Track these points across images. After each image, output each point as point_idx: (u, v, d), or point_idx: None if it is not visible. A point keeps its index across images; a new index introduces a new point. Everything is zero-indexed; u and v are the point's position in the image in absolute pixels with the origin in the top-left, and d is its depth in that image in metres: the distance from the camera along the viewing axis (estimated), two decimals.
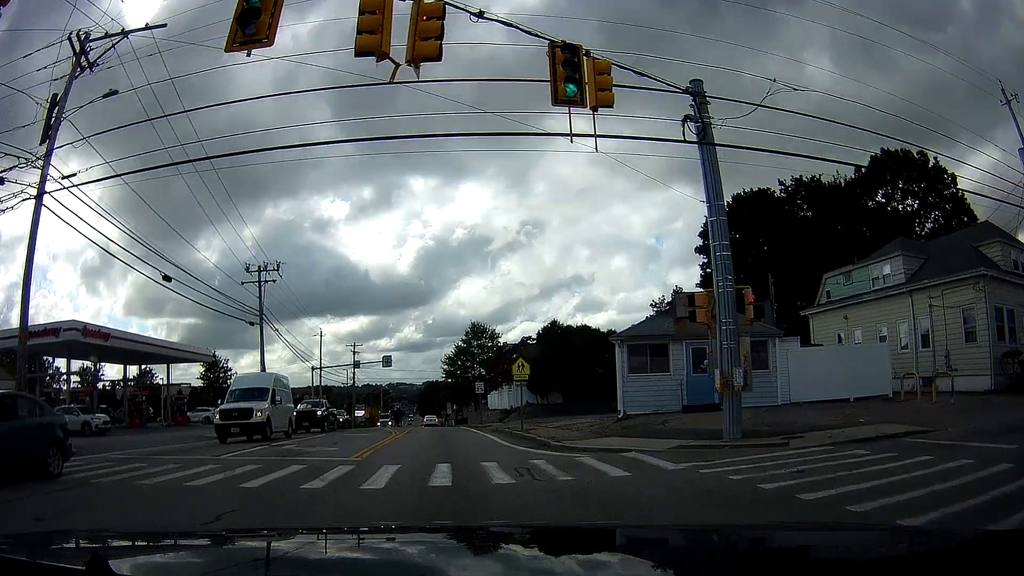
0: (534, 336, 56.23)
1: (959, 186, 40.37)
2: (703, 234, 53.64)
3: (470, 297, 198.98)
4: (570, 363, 49.00)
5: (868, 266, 35.70)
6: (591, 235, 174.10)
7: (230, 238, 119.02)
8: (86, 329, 44.19)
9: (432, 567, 2.12)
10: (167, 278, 26.62)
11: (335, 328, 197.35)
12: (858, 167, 46.35)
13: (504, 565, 2.17)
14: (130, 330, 58.30)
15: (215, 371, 75.17)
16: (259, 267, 46.02)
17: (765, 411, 21.52)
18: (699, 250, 53.97)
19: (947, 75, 56.50)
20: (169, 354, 53.08)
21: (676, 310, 30.43)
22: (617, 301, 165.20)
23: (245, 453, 17.45)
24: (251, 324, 43.45)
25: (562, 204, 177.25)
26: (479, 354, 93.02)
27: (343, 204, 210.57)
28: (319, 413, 36.26)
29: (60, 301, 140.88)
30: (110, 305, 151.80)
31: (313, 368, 68.39)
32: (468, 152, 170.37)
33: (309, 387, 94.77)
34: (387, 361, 70.57)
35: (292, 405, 31.29)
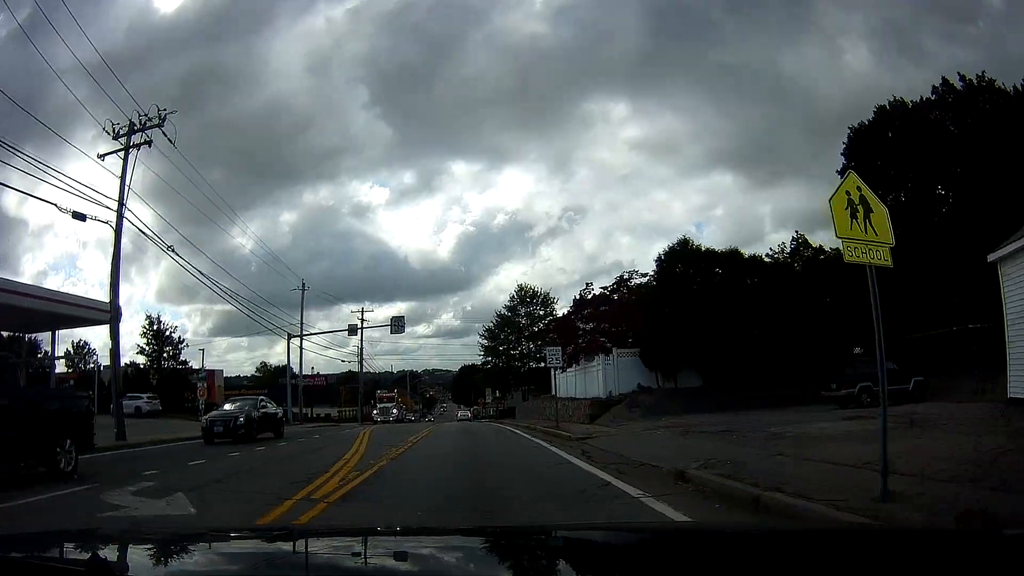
0: (651, 272, 31.04)
1: None
2: (847, 151, 34.41)
3: (510, 283, 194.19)
4: (723, 318, 25.80)
5: None
6: (632, 221, 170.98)
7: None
8: None
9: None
10: None
11: (372, 315, 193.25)
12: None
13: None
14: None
15: (160, 341, 53.48)
16: (130, 126, 23.77)
17: None
18: (844, 172, 32.30)
19: None
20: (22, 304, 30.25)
21: None
22: None
23: None
24: (80, 218, 21.17)
25: (604, 190, 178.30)
26: (528, 325, 70.00)
27: (382, 190, 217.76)
28: None
29: (91, 289, 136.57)
30: (143, 291, 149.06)
31: (290, 337, 46.07)
32: (510, 137, 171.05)
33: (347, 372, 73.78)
34: (397, 325, 48.06)
35: None
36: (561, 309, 69.53)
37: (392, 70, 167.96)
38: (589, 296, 30.45)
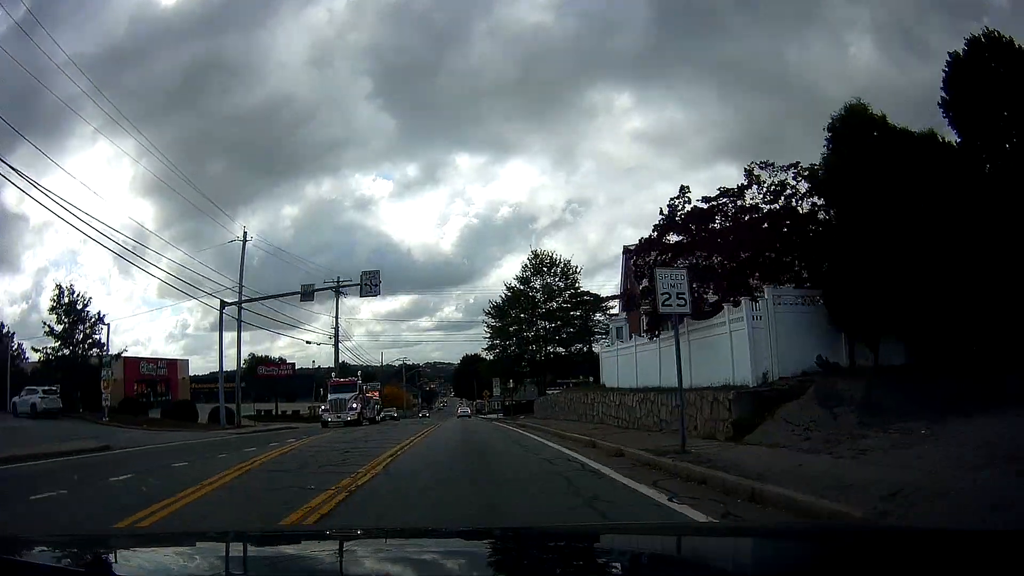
0: (803, 165, 16.17)
1: None
2: (945, 84, 21.23)
3: (512, 275, 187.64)
4: (937, 247, 12.88)
5: None
6: (636, 213, 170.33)
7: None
8: None
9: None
10: None
11: (375, 308, 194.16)
12: None
13: None
14: None
15: (72, 316, 40.56)
16: None
17: None
18: (946, 106, 18.85)
19: None
20: None
21: None
22: None
23: None
24: None
25: (608, 182, 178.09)
26: (544, 301, 56.90)
27: (386, 182, 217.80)
28: None
29: (92, 284, 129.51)
30: (144, 287, 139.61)
31: (223, 306, 33.11)
32: (514, 128, 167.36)
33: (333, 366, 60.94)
34: (369, 284, 35.03)
35: None
36: (584, 286, 56.82)
37: (396, 61, 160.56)
38: (682, 212, 17.07)
